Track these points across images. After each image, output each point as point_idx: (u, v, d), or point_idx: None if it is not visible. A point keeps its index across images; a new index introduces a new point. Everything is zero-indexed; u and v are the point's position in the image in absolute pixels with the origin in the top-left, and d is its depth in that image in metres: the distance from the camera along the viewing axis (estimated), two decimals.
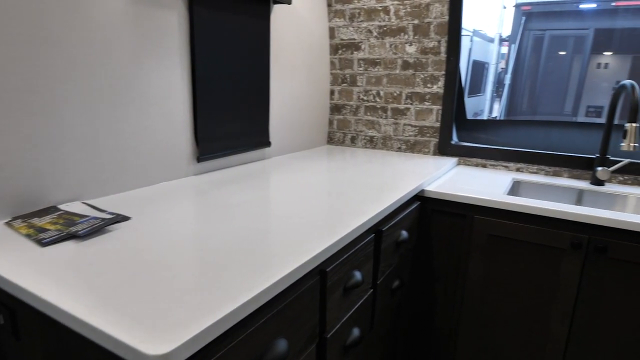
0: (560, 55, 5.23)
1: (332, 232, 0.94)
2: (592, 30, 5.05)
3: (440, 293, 1.54)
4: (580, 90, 5.39)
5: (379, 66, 2.02)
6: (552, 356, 1.37)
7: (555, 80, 5.33)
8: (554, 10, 5.06)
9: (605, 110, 6.71)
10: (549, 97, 5.42)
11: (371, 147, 2.13)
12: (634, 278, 1.21)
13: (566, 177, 1.72)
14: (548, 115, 5.31)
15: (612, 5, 4.69)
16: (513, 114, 5.40)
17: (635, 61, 6.32)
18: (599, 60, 6.27)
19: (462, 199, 1.41)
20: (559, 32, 5.17)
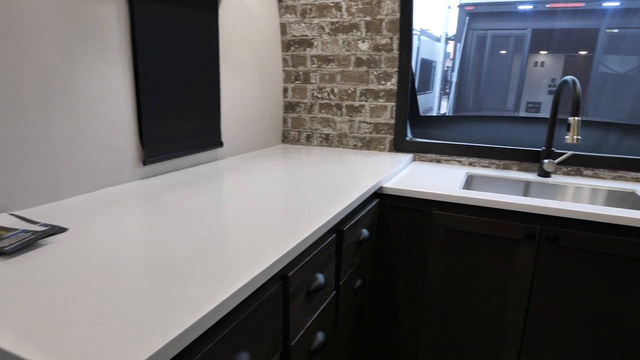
0: (502, 53, 5.50)
1: (292, 234, 0.89)
2: (529, 30, 5.35)
3: (401, 289, 1.54)
4: (521, 87, 5.70)
5: (332, 63, 1.99)
6: (509, 345, 1.40)
7: (498, 78, 5.60)
8: (495, 11, 5.30)
9: (542, 106, 7.14)
10: (492, 94, 5.69)
11: (327, 145, 2.10)
12: (583, 264, 1.27)
13: (515, 170, 1.78)
14: (492, 111, 5.57)
15: (547, 7, 4.99)
16: (460, 110, 5.61)
17: (568, 60, 6.76)
18: (536, 59, 6.66)
19: (420, 194, 1.41)
20: (500, 32, 5.43)
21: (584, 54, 5.93)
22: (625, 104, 5.33)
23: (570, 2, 4.71)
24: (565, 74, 6.92)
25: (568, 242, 1.27)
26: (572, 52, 6.31)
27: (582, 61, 6.16)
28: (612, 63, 5.59)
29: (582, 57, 6.07)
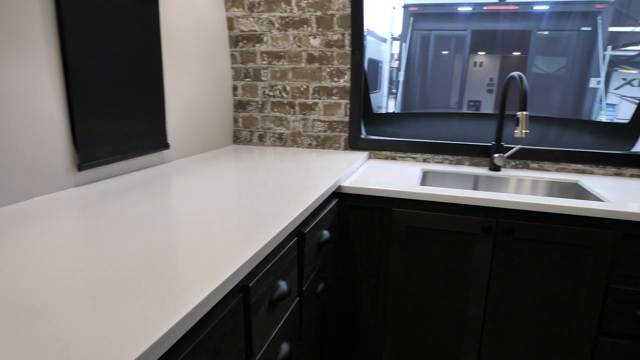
0: (445, 54, 5.70)
1: (252, 241, 0.82)
2: (469, 31, 5.59)
3: (363, 289, 1.50)
4: (463, 86, 5.95)
5: (283, 60, 1.93)
6: (470, 337, 1.42)
7: (442, 77, 5.80)
8: (438, 12, 5.48)
9: (482, 104, 7.49)
10: (437, 92, 5.88)
11: (280, 144, 2.04)
12: (537, 254, 1.30)
13: (468, 164, 1.81)
14: (438, 108, 5.76)
15: (485, 10, 5.23)
16: (408, 109, 5.75)
17: (504, 60, 7.15)
18: (475, 59, 6.98)
19: (380, 192, 1.39)
20: (442, 33, 5.63)
21: (518, 54, 6.30)
22: (554, 101, 5.73)
23: (505, 6, 4.97)
24: (502, 73, 7.31)
25: (522, 233, 1.30)
26: (507, 53, 6.69)
27: (516, 61, 6.55)
28: (542, 63, 5.98)
29: (516, 58, 6.45)
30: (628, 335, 1.28)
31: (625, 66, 6.25)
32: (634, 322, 1.26)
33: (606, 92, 5.39)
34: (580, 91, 4.88)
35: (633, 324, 1.26)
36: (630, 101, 6.25)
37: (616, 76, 6.10)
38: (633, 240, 1.23)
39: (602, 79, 4.75)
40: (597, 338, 1.31)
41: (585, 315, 1.30)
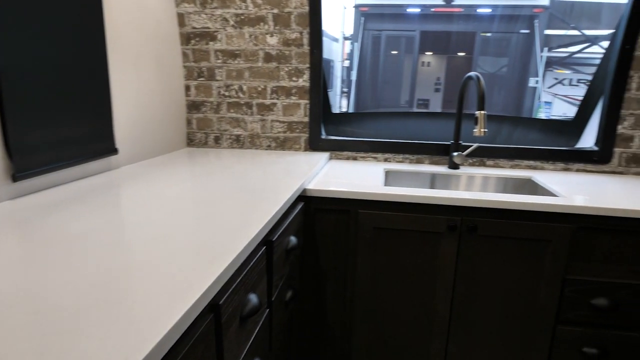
0: (395, 53, 5.82)
1: (220, 254, 0.76)
2: (418, 32, 5.74)
3: (330, 294, 1.47)
4: (413, 85, 6.10)
5: (239, 58, 1.85)
6: (438, 334, 1.43)
7: (392, 76, 5.92)
8: (387, 13, 5.58)
9: (431, 102, 7.72)
10: (389, 91, 6.00)
11: (238, 146, 1.96)
12: (500, 250, 1.33)
13: (427, 163, 1.83)
14: (390, 107, 5.87)
15: (432, 11, 5.40)
16: (361, 108, 5.82)
17: (450, 60, 7.42)
18: (423, 59, 7.19)
19: (346, 194, 1.36)
20: (392, 33, 5.74)
21: (463, 55, 6.57)
22: (497, 99, 6.02)
23: (451, 8, 5.15)
24: (448, 73, 7.59)
25: (486, 230, 1.32)
26: (453, 54, 6.95)
27: (462, 62, 6.82)
28: (485, 64, 6.27)
29: (462, 58, 6.72)
30: (583, 323, 1.34)
31: (557, 67, 6.72)
32: (588, 310, 1.33)
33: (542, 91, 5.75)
34: (520, 90, 5.16)
35: (587, 311, 1.33)
36: (562, 99, 6.72)
37: (549, 76, 6.53)
38: (586, 233, 1.28)
39: (541, 78, 5.06)
40: (556, 327, 1.36)
41: (545, 306, 1.35)
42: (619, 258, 1.29)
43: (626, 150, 1.68)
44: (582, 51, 6.22)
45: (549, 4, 4.90)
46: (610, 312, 1.31)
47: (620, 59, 1.61)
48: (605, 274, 1.30)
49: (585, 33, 5.47)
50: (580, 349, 1.35)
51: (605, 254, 1.29)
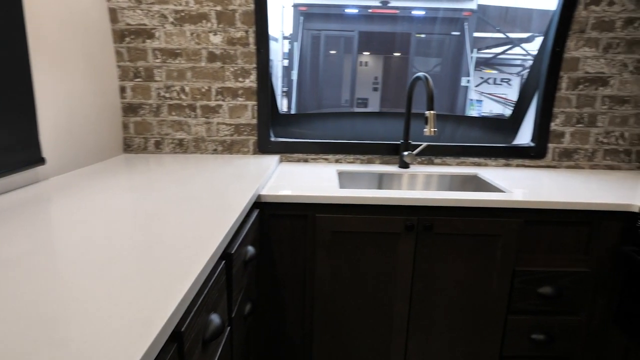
0: (335, 53, 5.87)
1: (178, 275, 0.69)
2: (356, 32, 5.82)
3: (289, 302, 1.42)
4: (354, 85, 6.19)
5: (180, 58, 1.74)
6: (398, 333, 1.43)
7: (333, 76, 5.96)
8: (326, 13, 5.60)
9: (369, 101, 7.90)
10: (330, 91, 6.04)
11: (182, 151, 1.84)
12: (455, 246, 1.36)
13: (378, 163, 1.84)
14: (331, 107, 5.91)
15: (369, 12, 5.51)
16: (303, 108, 5.79)
17: (386, 60, 7.63)
18: (361, 59, 7.32)
19: (302, 199, 1.32)
20: (332, 33, 5.78)
21: (399, 55, 6.78)
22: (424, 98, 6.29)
23: (387, 9, 5.29)
24: (385, 73, 7.80)
25: (441, 228, 1.34)
26: (389, 54, 7.15)
27: (398, 62, 7.04)
28: (419, 64, 6.53)
29: (398, 58, 6.93)
30: (532, 311, 1.41)
31: (483, 67, 7.17)
32: (536, 298, 1.40)
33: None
34: (454, 89, 5.43)
35: (535, 300, 1.40)
36: (488, 97, 7.19)
37: (477, 75, 6.96)
38: (532, 226, 1.35)
39: (472, 78, 5.35)
40: (507, 317, 1.42)
41: (497, 298, 1.40)
42: (560, 248, 1.37)
43: (558, 146, 1.81)
44: (506, 52, 6.69)
45: (477, 8, 5.20)
46: (555, 299, 1.39)
47: (552, 61, 1.72)
48: (549, 263, 1.38)
49: (508, 36, 5.87)
50: (529, 336, 1.43)
51: (549, 245, 1.37)
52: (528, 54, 6.03)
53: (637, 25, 1.67)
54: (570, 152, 1.81)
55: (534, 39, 6.06)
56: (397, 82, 6.78)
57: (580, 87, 1.75)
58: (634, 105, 1.76)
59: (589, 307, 1.41)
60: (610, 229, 1.34)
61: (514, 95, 7.24)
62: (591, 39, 1.69)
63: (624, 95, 1.75)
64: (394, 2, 5.23)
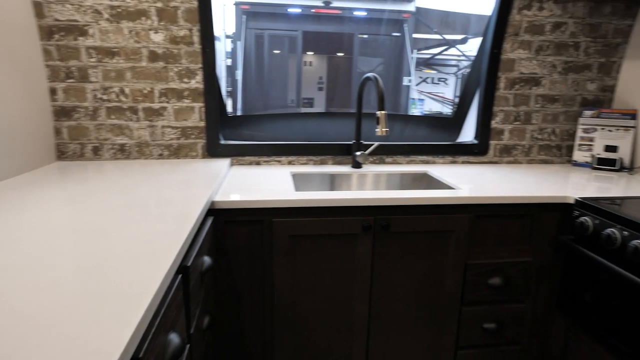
0: (280, 53, 5.83)
1: (132, 297, 0.63)
2: (300, 32, 5.81)
3: (248, 311, 1.38)
4: (299, 85, 6.18)
5: (118, 57, 1.62)
6: (359, 334, 1.44)
7: (278, 76, 5.91)
8: (269, 12, 5.53)
9: (315, 101, 7.93)
10: (276, 91, 5.98)
11: (123, 157, 1.72)
12: (411, 244, 1.39)
13: (331, 164, 1.84)
14: (278, 107, 5.86)
15: (312, 12, 5.52)
16: (250, 109, 5.68)
17: (330, 60, 7.70)
18: (305, 59, 7.33)
19: (258, 204, 1.28)
20: (276, 32, 5.72)
21: (342, 55, 6.87)
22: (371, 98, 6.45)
23: (330, 9, 5.33)
24: (330, 72, 7.87)
25: (397, 227, 1.36)
26: (333, 54, 7.22)
27: (342, 62, 7.13)
28: (362, 64, 6.66)
29: (342, 58, 7.02)
30: (483, 302, 1.48)
31: (423, 67, 7.47)
32: (487, 289, 1.47)
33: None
34: (396, 88, 5.60)
35: (486, 291, 1.47)
36: (428, 96, 7.50)
37: (417, 75, 7.24)
38: (481, 221, 1.41)
39: (413, 77, 5.54)
40: (461, 309, 1.47)
41: (451, 291, 1.45)
42: (506, 240, 1.45)
43: (499, 142, 1.91)
44: (442, 53, 7.01)
45: (415, 10, 5.39)
46: (503, 289, 1.47)
47: (490, 62, 1.81)
48: (497, 255, 1.45)
49: (445, 37, 6.15)
50: (482, 326, 1.49)
51: (496, 237, 1.44)
52: (463, 54, 6.36)
53: (564, 30, 1.80)
54: (509, 148, 1.92)
55: (467, 40, 6.41)
56: (342, 82, 6.86)
57: (516, 86, 1.86)
58: (562, 103, 1.90)
59: (533, 294, 1.50)
60: (549, 220, 1.44)
61: (450, 94, 7.63)
62: (524, 41, 1.80)
63: (554, 94, 1.89)
64: (336, 2, 5.28)
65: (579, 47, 1.83)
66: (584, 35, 1.82)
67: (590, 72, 1.87)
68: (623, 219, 1.19)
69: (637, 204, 1.31)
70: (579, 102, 1.91)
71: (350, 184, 1.74)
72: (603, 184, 1.57)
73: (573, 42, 1.82)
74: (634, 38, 1.82)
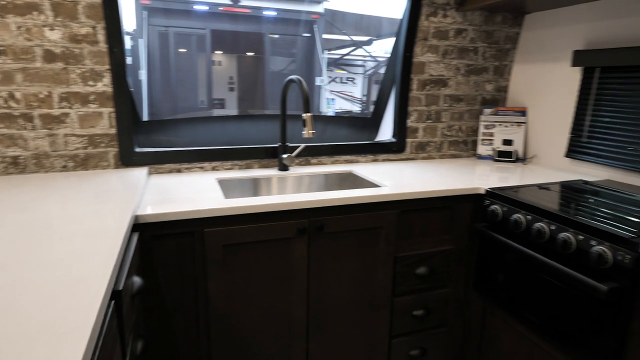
0: (188, 52, 5.55)
1: (61, 337, 0.55)
2: (209, 30, 5.60)
3: (182, 328, 1.29)
4: (210, 85, 5.95)
5: (4, 56, 1.41)
6: (298, 337, 1.44)
7: (186, 76, 5.63)
8: (173, 8, 5.23)
9: (226, 102, 7.73)
10: (185, 92, 5.69)
11: (17, 172, 1.50)
12: (344, 243, 1.42)
13: (257, 167, 1.81)
14: (188, 108, 5.58)
15: (220, 10, 5.35)
16: (157, 110, 5.33)
17: (240, 60, 7.56)
18: (214, 58, 7.10)
19: (187, 215, 1.21)
20: (182, 30, 5.43)
21: (253, 55, 6.78)
22: (291, 97, 6.47)
23: (239, 8, 5.21)
24: (240, 72, 7.71)
25: (331, 227, 1.39)
26: (243, 53, 7.09)
27: (253, 61, 7.03)
28: (274, 64, 6.65)
29: (252, 58, 6.92)
30: (412, 291, 1.57)
31: (334, 67, 7.69)
32: (415, 279, 1.56)
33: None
34: (310, 89, 5.68)
35: (414, 280, 1.56)
36: (339, 95, 7.75)
37: (328, 75, 7.44)
38: (407, 215, 1.50)
39: (325, 78, 5.67)
40: (393, 300, 1.55)
41: (383, 285, 1.51)
42: (429, 231, 1.55)
43: (414, 140, 2.04)
44: (350, 54, 7.29)
45: (324, 11, 5.52)
46: (429, 277, 1.57)
47: (404, 64, 1.92)
48: (422, 246, 1.55)
49: (352, 38, 6.40)
50: (412, 313, 1.58)
51: (420, 229, 1.54)
52: (370, 55, 6.67)
53: (465, 36, 1.98)
54: (424, 145, 2.06)
55: (372, 42, 6.74)
56: (253, 82, 6.77)
57: (427, 87, 2.00)
58: (466, 102, 2.09)
59: (454, 279, 1.63)
60: (465, 210, 1.57)
61: (359, 92, 7.96)
62: (432, 45, 1.95)
63: (459, 94, 2.07)
64: (245, 1, 5.18)
65: (478, 51, 2.03)
66: (482, 41, 2.02)
67: (487, 74, 2.09)
68: (526, 205, 1.35)
69: (534, 191, 1.49)
70: (480, 101, 2.11)
71: (280, 187, 1.73)
72: (504, 174, 1.76)
73: (473, 47, 2.01)
74: (521, 44, 2.07)
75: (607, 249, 1.09)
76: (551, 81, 1.90)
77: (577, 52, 1.71)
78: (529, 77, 2.03)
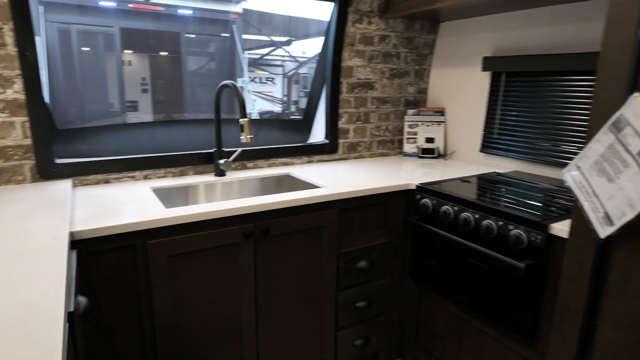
0: (94, 51, 5.12)
1: None
2: (117, 28, 5.22)
3: (125, 346, 1.23)
4: (122, 87, 5.56)
5: None
6: (248, 339, 1.44)
7: (95, 78, 5.19)
8: (74, 4, 4.79)
9: (140, 105, 7.30)
10: (93, 94, 5.24)
11: None
12: (290, 244, 1.45)
13: (192, 174, 1.76)
14: (99, 112, 5.15)
15: (130, 7, 5.01)
16: (63, 113, 4.84)
17: (153, 59, 7.16)
18: (124, 58, 6.64)
19: (127, 227, 1.15)
20: (86, 28, 4.99)
21: (167, 55, 6.46)
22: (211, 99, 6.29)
23: (151, 6, 4.93)
24: (153, 73, 7.31)
25: (276, 230, 1.41)
26: (156, 53, 6.73)
27: (167, 61, 6.70)
28: (192, 64, 6.41)
29: (167, 58, 6.60)
30: (354, 284, 1.65)
31: (254, 68, 7.63)
32: (356, 273, 1.64)
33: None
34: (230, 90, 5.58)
35: (356, 274, 1.64)
36: (259, 96, 7.71)
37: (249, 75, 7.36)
38: (346, 213, 1.57)
39: (247, 78, 5.61)
40: (337, 294, 1.62)
41: (328, 281, 1.57)
42: (367, 227, 1.64)
43: (346, 141, 2.13)
44: (270, 54, 7.29)
45: (243, 11, 5.45)
46: (369, 269, 1.66)
47: (333, 69, 2.00)
48: (361, 241, 1.63)
49: (272, 39, 6.41)
50: (355, 305, 1.66)
51: (359, 226, 1.62)
52: (289, 55, 6.73)
53: (388, 42, 2.12)
54: (355, 145, 2.16)
55: (292, 42, 6.81)
56: (170, 83, 6.46)
57: (355, 90, 2.10)
58: (392, 104, 2.23)
59: (391, 269, 1.74)
60: (398, 205, 1.69)
61: (279, 93, 7.98)
62: (359, 50, 2.05)
63: (385, 96, 2.20)
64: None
65: (400, 56, 2.18)
66: (403, 47, 2.17)
67: (409, 77, 2.25)
68: (453, 197, 1.50)
69: (457, 184, 1.65)
70: (403, 102, 2.27)
71: (221, 193, 1.70)
72: (428, 170, 1.92)
73: (395, 52, 2.16)
74: (437, 50, 2.26)
75: (522, 231, 1.26)
76: (465, 84, 2.11)
77: (485, 58, 1.92)
78: (445, 80, 2.23)
